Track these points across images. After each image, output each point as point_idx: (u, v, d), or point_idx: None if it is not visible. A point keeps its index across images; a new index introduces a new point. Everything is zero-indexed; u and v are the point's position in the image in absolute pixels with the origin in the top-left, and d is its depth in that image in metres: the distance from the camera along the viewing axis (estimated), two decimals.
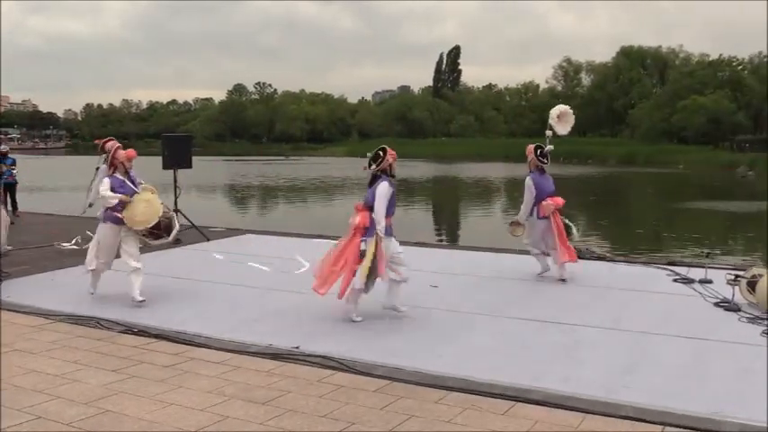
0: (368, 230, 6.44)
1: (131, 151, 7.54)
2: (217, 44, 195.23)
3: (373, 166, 6.62)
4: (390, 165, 6.63)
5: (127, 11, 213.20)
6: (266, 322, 6.68)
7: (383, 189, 6.46)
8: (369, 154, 6.76)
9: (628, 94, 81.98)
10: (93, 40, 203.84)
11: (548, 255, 8.62)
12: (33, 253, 10.52)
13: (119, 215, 7.28)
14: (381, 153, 6.63)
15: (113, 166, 7.39)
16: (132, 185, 7.41)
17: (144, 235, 7.47)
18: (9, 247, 10.29)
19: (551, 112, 8.91)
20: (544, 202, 8.41)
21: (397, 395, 4.76)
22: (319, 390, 4.87)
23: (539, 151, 8.58)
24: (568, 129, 8.89)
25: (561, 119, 8.86)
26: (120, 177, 7.36)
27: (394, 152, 6.70)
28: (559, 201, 8.48)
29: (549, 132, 8.79)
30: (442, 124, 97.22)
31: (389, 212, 6.53)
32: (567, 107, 9.01)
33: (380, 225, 6.39)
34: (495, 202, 29.20)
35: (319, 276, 6.55)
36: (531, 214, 8.55)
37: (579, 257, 9.72)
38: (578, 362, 5.45)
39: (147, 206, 7.36)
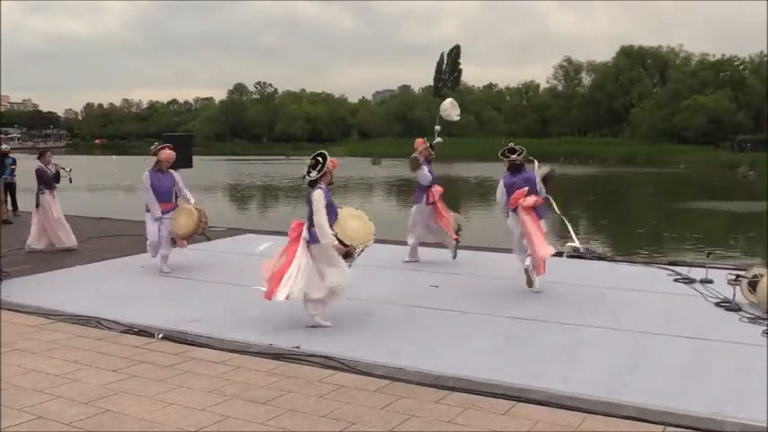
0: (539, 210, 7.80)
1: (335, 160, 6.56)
2: (217, 44, 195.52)
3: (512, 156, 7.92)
4: None
5: (127, 11, 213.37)
6: (267, 322, 6.67)
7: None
8: (518, 147, 8.03)
9: (628, 93, 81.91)
10: (93, 39, 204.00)
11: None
12: (33, 253, 10.52)
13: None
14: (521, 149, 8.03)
15: (325, 176, 6.37)
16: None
17: None
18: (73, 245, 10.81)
19: (443, 104, 9.93)
20: (434, 189, 9.37)
21: (397, 395, 4.76)
22: (320, 390, 4.87)
23: (429, 144, 9.60)
24: (458, 114, 9.91)
25: (452, 107, 9.85)
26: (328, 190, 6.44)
27: None
28: (440, 189, 9.57)
29: (437, 127, 9.79)
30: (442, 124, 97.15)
31: None
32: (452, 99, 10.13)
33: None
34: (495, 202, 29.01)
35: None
36: (419, 201, 9.45)
37: (580, 257, 9.77)
38: (579, 362, 5.45)
39: (360, 222, 6.61)
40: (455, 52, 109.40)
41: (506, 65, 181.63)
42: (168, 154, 9.32)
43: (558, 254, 10.41)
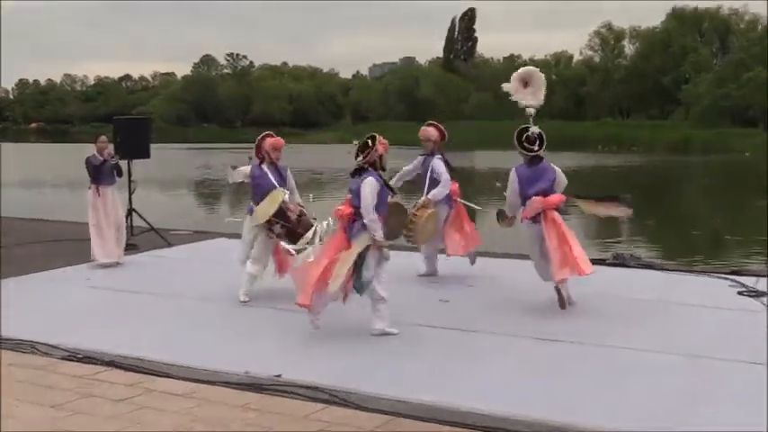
0: None
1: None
2: (179, 7, 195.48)
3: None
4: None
5: None
6: (241, 345, 6.68)
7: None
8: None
9: (680, 66, 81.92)
10: (28, 3, 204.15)
11: None
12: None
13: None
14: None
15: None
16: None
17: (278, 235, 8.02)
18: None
19: (512, 79, 8.14)
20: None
21: None
22: (306, 427, 4.87)
23: (524, 136, 7.91)
24: (540, 96, 8.12)
25: (532, 86, 8.14)
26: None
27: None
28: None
29: (530, 110, 8.05)
30: (454, 103, 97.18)
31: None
32: (529, 68, 8.21)
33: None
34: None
35: None
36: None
37: (624, 265, 9.76)
38: (623, 393, 5.45)
39: (266, 200, 8.09)
40: (469, 17, 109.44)
41: (531, 32, 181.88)
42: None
43: (598, 261, 10.44)
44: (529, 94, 8.11)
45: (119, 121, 12.85)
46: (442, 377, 5.83)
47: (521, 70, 8.23)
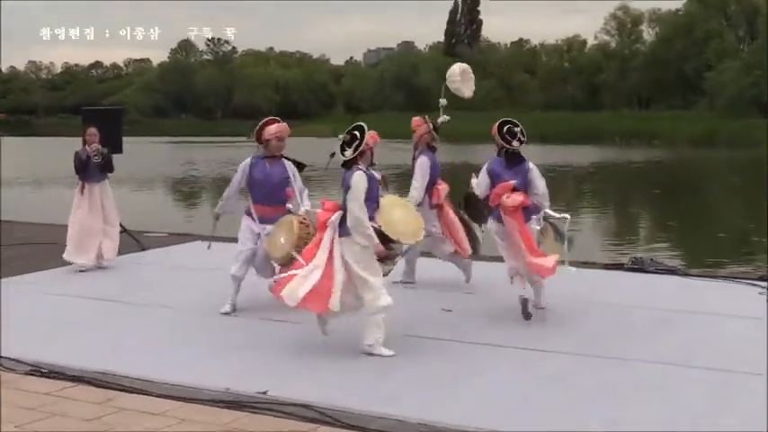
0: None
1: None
2: None
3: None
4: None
5: None
6: (223, 358, 6.68)
7: None
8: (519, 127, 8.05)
9: (704, 52, 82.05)
10: None
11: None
12: None
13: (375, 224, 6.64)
14: None
15: (363, 154, 6.76)
16: None
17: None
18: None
19: (450, 70, 9.41)
20: (439, 186, 9.13)
21: None
22: None
23: (432, 124, 9.32)
24: (472, 89, 9.50)
25: (463, 79, 9.37)
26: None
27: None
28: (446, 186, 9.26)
29: (443, 101, 9.46)
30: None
31: None
32: (466, 65, 9.59)
33: None
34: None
35: None
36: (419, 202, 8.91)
37: (642, 270, 9.76)
38: (640, 408, 5.47)
39: (406, 213, 7.13)
40: None
41: (542, 14, 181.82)
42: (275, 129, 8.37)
43: (614, 265, 10.45)
44: (463, 84, 9.33)
45: (87, 112, 12.82)
46: (441, 394, 5.83)
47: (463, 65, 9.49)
